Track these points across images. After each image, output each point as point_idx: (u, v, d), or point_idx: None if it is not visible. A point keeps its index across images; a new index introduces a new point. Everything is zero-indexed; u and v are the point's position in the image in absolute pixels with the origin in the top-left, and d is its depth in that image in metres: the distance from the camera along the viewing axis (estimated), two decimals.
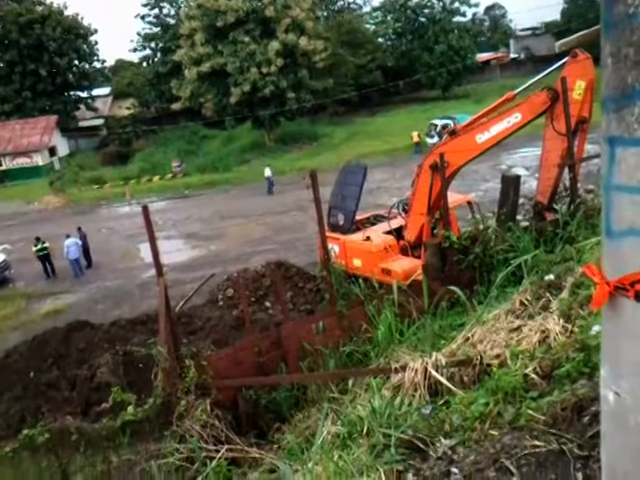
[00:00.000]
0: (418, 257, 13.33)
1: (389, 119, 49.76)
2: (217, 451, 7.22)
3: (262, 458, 7.07)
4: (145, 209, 9.08)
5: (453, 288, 9.41)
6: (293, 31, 41.38)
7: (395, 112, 53.10)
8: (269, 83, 40.45)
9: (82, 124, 56.90)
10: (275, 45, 40.10)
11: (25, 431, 9.04)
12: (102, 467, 8.87)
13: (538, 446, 3.37)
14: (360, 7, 67.94)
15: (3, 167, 47.43)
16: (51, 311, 20.32)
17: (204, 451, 7.26)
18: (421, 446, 4.48)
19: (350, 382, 8.17)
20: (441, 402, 5.84)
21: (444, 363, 6.36)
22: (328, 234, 14.49)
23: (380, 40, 62.55)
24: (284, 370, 9.99)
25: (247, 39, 40.56)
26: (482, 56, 62.90)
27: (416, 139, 37.59)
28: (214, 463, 6.93)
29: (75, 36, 53.72)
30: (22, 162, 47.64)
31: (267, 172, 33.12)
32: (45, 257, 23.09)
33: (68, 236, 23.25)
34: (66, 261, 23.18)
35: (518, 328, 6.48)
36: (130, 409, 8.46)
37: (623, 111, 1.72)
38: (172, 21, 54.83)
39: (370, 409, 5.41)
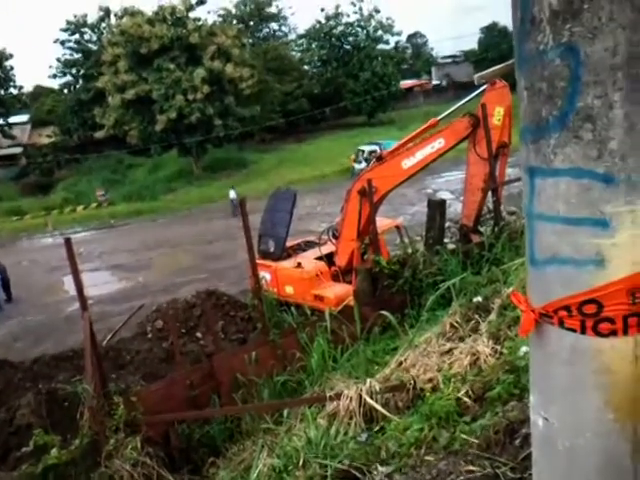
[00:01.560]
0: (350, 282, 13.41)
1: (316, 145, 50.33)
2: None
3: None
4: (68, 241, 8.76)
5: (384, 313, 9.50)
6: (219, 58, 41.38)
7: (322, 138, 53.77)
8: (195, 110, 40.19)
9: None
10: (201, 72, 39.97)
11: None
12: None
13: (473, 471, 3.40)
14: (285, 35, 68.89)
15: None
16: None
17: None
18: (358, 475, 4.45)
19: (285, 412, 8.06)
20: (377, 429, 5.83)
21: (378, 389, 6.35)
22: (259, 261, 14.40)
23: (306, 67, 63.43)
24: (217, 403, 9.77)
25: (172, 66, 40.28)
26: (406, 83, 64.76)
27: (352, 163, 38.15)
28: None
29: None
30: None
31: (232, 194, 32.77)
32: None
33: None
34: None
35: (449, 351, 6.58)
36: (54, 451, 8.02)
37: (540, 142, 1.78)
38: (94, 47, 53.71)
39: (306, 440, 5.34)
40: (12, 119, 56.22)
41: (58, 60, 54.89)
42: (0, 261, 23.53)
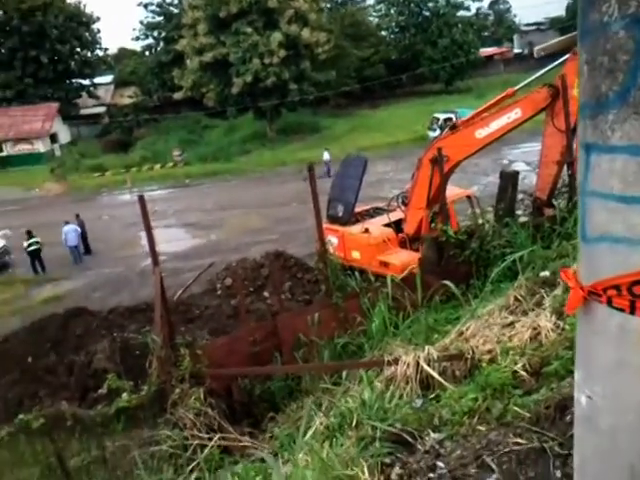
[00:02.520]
0: (417, 250, 13.36)
1: (391, 112, 49.63)
2: (210, 439, 7.28)
3: (254, 447, 7.12)
4: (141, 198, 9.09)
5: (446, 282, 9.45)
6: (296, 22, 41.16)
7: (397, 105, 52.98)
8: (271, 74, 40.31)
9: (84, 112, 56.71)
10: (278, 36, 39.93)
11: (21, 416, 9.12)
12: (97, 452, 8.98)
13: (520, 443, 3.42)
14: (364, 0, 67.66)
15: (4, 153, 47.33)
16: (50, 297, 20.39)
17: (197, 439, 7.32)
18: (409, 439, 4.52)
19: (344, 374, 8.22)
20: (432, 396, 5.89)
21: (436, 357, 6.40)
22: (327, 226, 14.56)
23: (383, 33, 62.29)
24: (279, 360, 10.05)
25: (250, 30, 40.39)
26: (485, 51, 62.64)
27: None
28: (206, 451, 6.98)
29: (77, 24, 53.44)
30: (23, 148, 47.58)
31: (326, 156, 33.07)
32: (34, 253, 22.48)
33: (67, 222, 23.30)
34: (65, 248, 23.27)
35: (511, 324, 6.52)
36: (125, 396, 8.53)
37: (598, 118, 1.74)
38: (175, 10, 54.56)
39: (360, 401, 5.45)
40: (97, 80, 58.39)
41: (141, 23, 56.37)
42: (79, 215, 24.62)
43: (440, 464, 4.04)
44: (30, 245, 22.40)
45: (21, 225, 28.06)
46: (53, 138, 49.56)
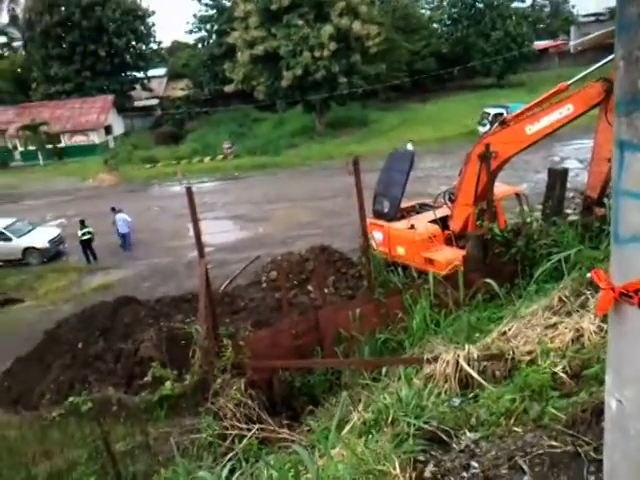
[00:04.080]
0: (463, 248, 13.18)
1: (441, 106, 48.98)
2: (249, 430, 7.37)
3: (292, 440, 7.18)
4: (189, 190, 9.23)
5: (489, 281, 9.31)
6: (347, 15, 40.98)
7: (447, 99, 52.21)
8: (321, 67, 40.27)
9: (137, 104, 58.04)
10: (328, 29, 39.83)
11: (70, 399, 9.45)
12: (141, 438, 9.22)
13: (555, 446, 3.35)
14: None
15: (62, 144, 48.86)
16: (101, 285, 20.97)
17: (236, 429, 7.42)
18: (444, 438, 4.49)
19: (384, 370, 8.20)
20: (471, 395, 5.82)
21: (476, 356, 6.32)
22: (372, 221, 14.51)
23: (435, 26, 61.38)
24: (319, 354, 10.09)
25: (301, 22, 40.43)
26: (540, 44, 60.97)
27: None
28: (245, 441, 7.08)
29: (133, 17, 54.75)
30: (79, 140, 49.05)
31: (409, 147, 32.96)
32: (87, 242, 23.16)
33: (119, 211, 24.01)
34: (117, 235, 23.98)
35: (554, 325, 6.38)
36: (168, 384, 8.72)
37: (633, 115, 1.70)
38: (228, 3, 55.11)
39: (397, 397, 5.43)
40: (151, 72, 59.64)
41: (194, 16, 57.08)
42: (115, 208, 25.23)
43: (474, 464, 4.00)
44: (83, 234, 23.10)
45: (75, 215, 28.94)
46: (108, 130, 50.91)
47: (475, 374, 6.05)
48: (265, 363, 9.44)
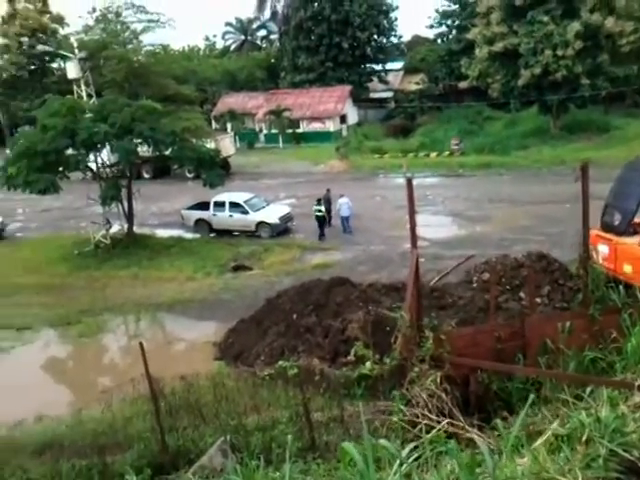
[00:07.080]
0: None
1: None
2: (438, 422, 7.50)
3: (480, 440, 7.17)
4: (409, 181, 9.52)
5: None
6: (599, 10, 38.01)
7: None
8: (562, 67, 37.92)
9: (373, 95, 60.08)
10: (576, 26, 37.24)
11: (280, 362, 10.40)
12: (337, 411, 9.86)
13: None
14: None
15: (300, 130, 52.67)
16: (320, 264, 22.45)
17: (426, 419, 7.60)
18: None
19: (587, 390, 7.78)
20: None
21: None
22: (598, 233, 13.64)
23: None
24: (521, 362, 9.84)
25: (546, 19, 38.37)
26: None
27: None
28: (433, 432, 7.23)
29: (377, 12, 56.75)
30: (316, 126, 52.46)
31: None
32: (319, 219, 25.61)
33: (342, 196, 25.83)
34: (339, 218, 25.61)
35: None
36: (368, 365, 9.17)
37: None
38: None
39: (595, 417, 5.20)
40: (389, 66, 61.41)
41: (436, 11, 57.32)
42: (330, 191, 27.04)
43: None
44: (316, 211, 25.61)
45: (305, 196, 31.14)
46: (342, 119, 53.74)
47: None
48: (466, 360, 9.45)
